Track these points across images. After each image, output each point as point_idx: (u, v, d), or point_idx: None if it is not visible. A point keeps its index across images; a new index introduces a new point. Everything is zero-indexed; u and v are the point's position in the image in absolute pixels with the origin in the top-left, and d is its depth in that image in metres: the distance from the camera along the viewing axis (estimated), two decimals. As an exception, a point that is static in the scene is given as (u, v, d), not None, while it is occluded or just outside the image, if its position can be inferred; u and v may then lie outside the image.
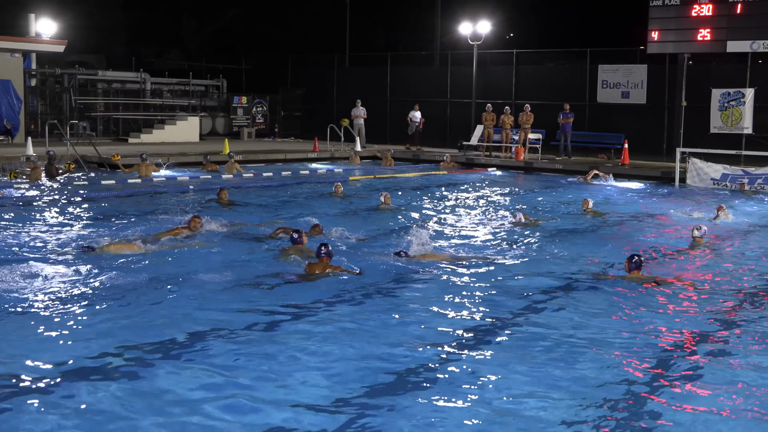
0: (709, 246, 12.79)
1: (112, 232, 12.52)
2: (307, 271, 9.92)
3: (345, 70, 37.05)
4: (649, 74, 27.42)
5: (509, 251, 12.09)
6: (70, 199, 16.55)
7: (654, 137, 27.34)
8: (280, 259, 10.67)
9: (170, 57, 47.64)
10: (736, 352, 7.61)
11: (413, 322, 8.24)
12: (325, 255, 9.99)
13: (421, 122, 29.79)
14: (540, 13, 45.46)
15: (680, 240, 13.37)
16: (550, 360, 7.13)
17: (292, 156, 27.42)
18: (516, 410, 6.09)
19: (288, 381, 6.49)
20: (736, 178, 21.25)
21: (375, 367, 6.83)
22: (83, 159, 22.29)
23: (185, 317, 8.10)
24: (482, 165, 26.45)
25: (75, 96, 31.00)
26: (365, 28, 45.16)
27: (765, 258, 12.26)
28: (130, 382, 6.35)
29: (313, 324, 8.05)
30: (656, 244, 13.04)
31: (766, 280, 10.71)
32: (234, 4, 45.90)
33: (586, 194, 18.33)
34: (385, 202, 16.11)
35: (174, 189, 19.03)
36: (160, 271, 9.92)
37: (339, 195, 17.79)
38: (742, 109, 23.71)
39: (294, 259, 10.52)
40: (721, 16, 23.20)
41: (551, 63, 33.59)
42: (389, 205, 16.09)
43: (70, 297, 8.75)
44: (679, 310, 9.06)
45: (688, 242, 12.94)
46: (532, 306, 9.01)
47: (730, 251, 12.67)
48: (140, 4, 44.11)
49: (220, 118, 35.60)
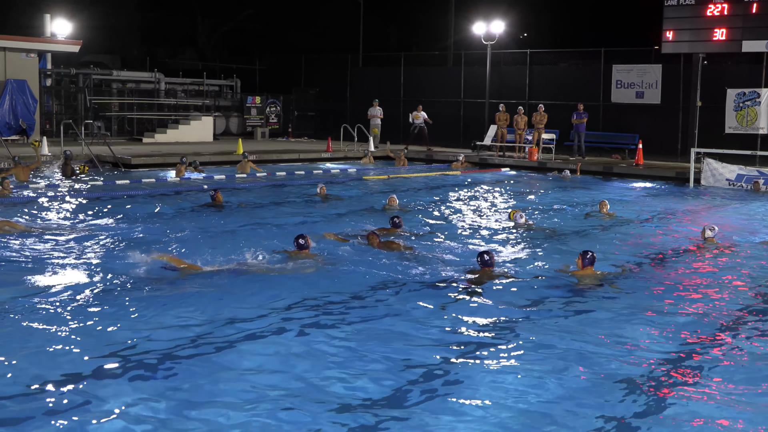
0: (722, 246, 12.72)
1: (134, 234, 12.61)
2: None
3: (358, 70, 37.08)
4: (664, 74, 27.29)
5: (509, 252, 12.02)
6: (78, 199, 16.63)
7: (668, 137, 27.21)
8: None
9: (184, 57, 47.87)
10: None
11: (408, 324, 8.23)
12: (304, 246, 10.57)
13: (424, 123, 29.50)
14: (554, 12, 45.36)
15: (691, 241, 13.28)
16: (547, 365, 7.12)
17: (306, 156, 27.46)
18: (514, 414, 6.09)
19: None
20: (751, 178, 21.11)
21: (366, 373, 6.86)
22: (98, 159, 22.40)
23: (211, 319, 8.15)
24: (496, 165, 26.41)
25: (90, 96, 31.19)
26: (379, 28, 45.22)
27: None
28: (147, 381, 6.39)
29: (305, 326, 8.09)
30: (667, 245, 12.97)
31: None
32: (248, 4, 46.03)
33: (604, 196, 18.21)
34: (390, 204, 15.82)
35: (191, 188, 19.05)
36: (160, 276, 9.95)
37: (322, 196, 17.35)
38: (758, 109, 23.57)
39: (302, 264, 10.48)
40: (737, 16, 23.07)
41: (565, 63, 33.52)
42: (394, 207, 15.76)
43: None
44: (686, 311, 9.03)
45: (700, 242, 12.86)
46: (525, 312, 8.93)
47: (743, 252, 12.56)
48: (155, 5, 44.33)
49: (233, 117, 35.70)
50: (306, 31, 45.87)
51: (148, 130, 31.72)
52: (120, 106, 33.19)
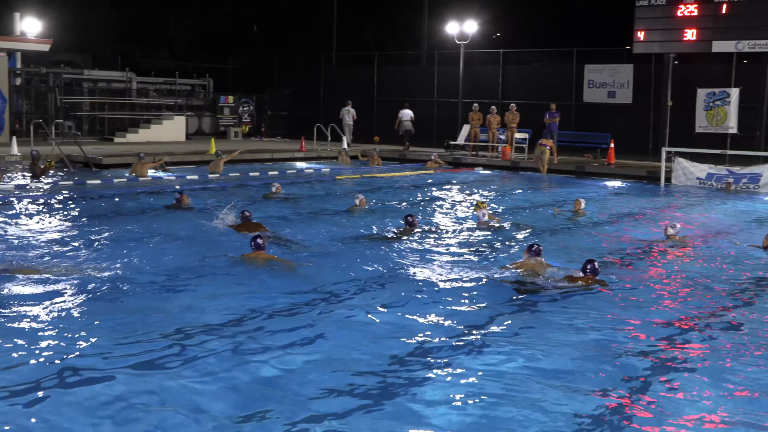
0: (683, 243, 12.80)
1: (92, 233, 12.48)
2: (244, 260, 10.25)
3: (332, 70, 37.01)
4: (635, 74, 27.49)
5: (474, 252, 11.99)
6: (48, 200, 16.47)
7: (640, 137, 27.41)
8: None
9: (157, 56, 47.47)
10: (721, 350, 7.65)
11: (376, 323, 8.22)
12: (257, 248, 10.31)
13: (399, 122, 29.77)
14: (526, 12, 45.50)
15: (656, 239, 13.35)
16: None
17: (279, 156, 27.37)
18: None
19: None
20: (721, 177, 21.34)
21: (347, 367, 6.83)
22: (68, 158, 22.19)
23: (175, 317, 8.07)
24: (469, 164, 26.47)
25: (60, 95, 30.87)
26: (353, 27, 45.07)
27: (734, 254, 12.33)
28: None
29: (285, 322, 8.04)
30: (633, 243, 13.01)
31: (742, 278, 10.72)
32: (222, 3, 45.76)
33: (580, 194, 18.27)
34: (360, 205, 15.68)
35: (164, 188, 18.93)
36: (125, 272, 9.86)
37: (277, 195, 17.15)
38: (728, 108, 23.80)
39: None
40: (707, 16, 23.26)
41: (538, 63, 33.63)
42: (364, 208, 15.62)
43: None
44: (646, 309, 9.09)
45: (662, 240, 12.95)
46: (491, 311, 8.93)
47: (705, 249, 12.68)
48: (127, 4, 43.89)
49: (206, 117, 35.49)
50: (280, 30, 45.68)
51: (119, 129, 31.46)
52: (91, 105, 32.88)
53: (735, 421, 5.96)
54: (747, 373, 6.95)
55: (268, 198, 17.13)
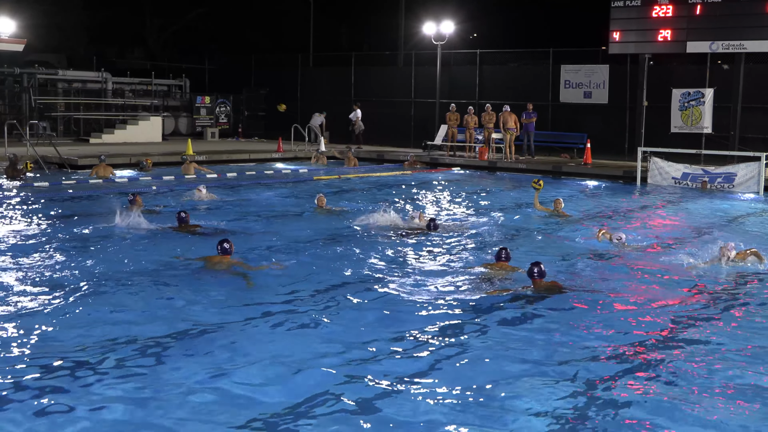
0: (631, 248, 12.52)
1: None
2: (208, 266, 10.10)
3: (309, 70, 36.94)
4: (611, 74, 27.65)
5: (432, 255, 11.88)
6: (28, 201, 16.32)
7: (616, 137, 27.56)
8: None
9: (133, 56, 47.20)
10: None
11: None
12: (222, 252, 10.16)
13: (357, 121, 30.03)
14: (503, 13, 45.67)
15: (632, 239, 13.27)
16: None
17: (256, 156, 27.28)
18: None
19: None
20: (696, 177, 21.51)
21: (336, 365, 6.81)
22: (43, 159, 21.98)
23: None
24: (446, 165, 26.52)
25: (34, 96, 30.58)
26: (330, 28, 45.09)
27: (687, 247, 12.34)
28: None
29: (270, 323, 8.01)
30: (605, 245, 12.88)
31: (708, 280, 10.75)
32: (198, 3, 45.53)
33: (557, 194, 18.21)
34: (320, 204, 15.54)
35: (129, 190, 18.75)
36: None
37: (202, 198, 16.74)
38: (702, 108, 24.01)
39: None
40: (681, 17, 23.45)
41: (514, 63, 33.75)
42: (323, 208, 15.50)
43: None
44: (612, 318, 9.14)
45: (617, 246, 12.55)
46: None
47: (674, 250, 12.55)
48: (102, 4, 43.56)
49: (183, 118, 35.32)
50: (256, 30, 45.56)
51: (95, 130, 31.22)
52: (66, 106, 32.61)
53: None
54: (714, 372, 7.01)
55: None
